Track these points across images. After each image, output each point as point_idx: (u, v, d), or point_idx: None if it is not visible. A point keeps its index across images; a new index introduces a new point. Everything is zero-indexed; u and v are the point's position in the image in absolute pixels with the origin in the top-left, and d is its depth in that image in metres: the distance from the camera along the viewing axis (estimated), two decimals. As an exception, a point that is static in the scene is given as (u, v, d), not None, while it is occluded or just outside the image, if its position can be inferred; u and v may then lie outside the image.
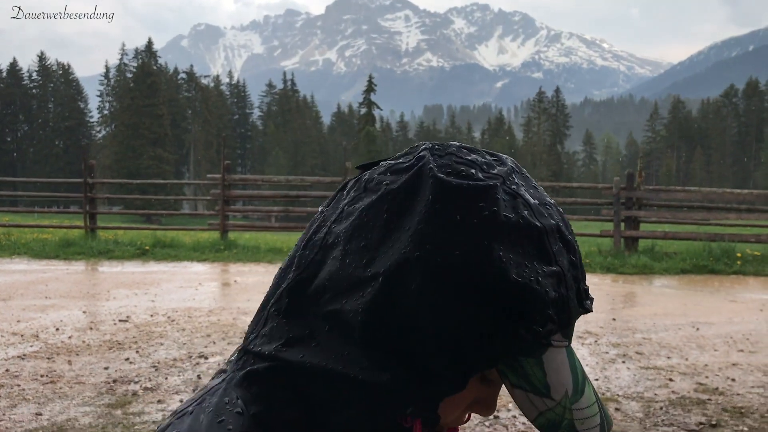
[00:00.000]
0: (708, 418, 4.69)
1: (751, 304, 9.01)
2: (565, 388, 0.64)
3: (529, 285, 0.61)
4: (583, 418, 0.65)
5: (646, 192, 13.79)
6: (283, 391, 0.66)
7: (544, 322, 0.62)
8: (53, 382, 5.29)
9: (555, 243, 0.65)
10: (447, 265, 0.60)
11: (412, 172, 0.66)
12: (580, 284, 0.67)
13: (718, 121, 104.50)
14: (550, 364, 0.64)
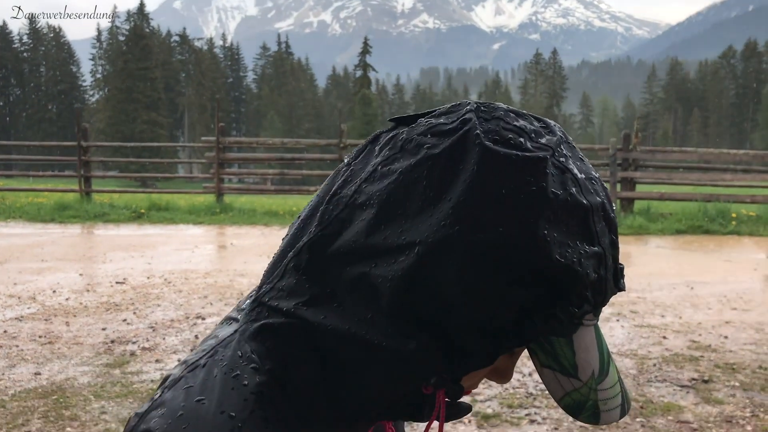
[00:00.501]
0: (700, 374, 4.75)
1: (745, 264, 9.07)
2: (592, 368, 0.63)
3: (572, 266, 0.58)
4: (606, 399, 0.64)
5: (642, 153, 13.77)
6: (300, 349, 0.64)
7: (581, 304, 0.60)
8: (51, 342, 5.32)
9: (599, 222, 0.62)
10: (489, 241, 0.57)
11: (456, 136, 0.61)
12: (617, 264, 0.65)
13: (716, 83, 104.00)
14: (579, 343, 0.63)
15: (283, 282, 0.66)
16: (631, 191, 13.68)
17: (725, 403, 4.23)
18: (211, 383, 0.64)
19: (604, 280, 0.62)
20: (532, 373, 4.75)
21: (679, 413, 4.07)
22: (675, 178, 14.39)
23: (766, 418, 4.00)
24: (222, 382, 0.64)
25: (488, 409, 4.12)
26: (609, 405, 0.64)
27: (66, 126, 77.87)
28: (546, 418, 3.98)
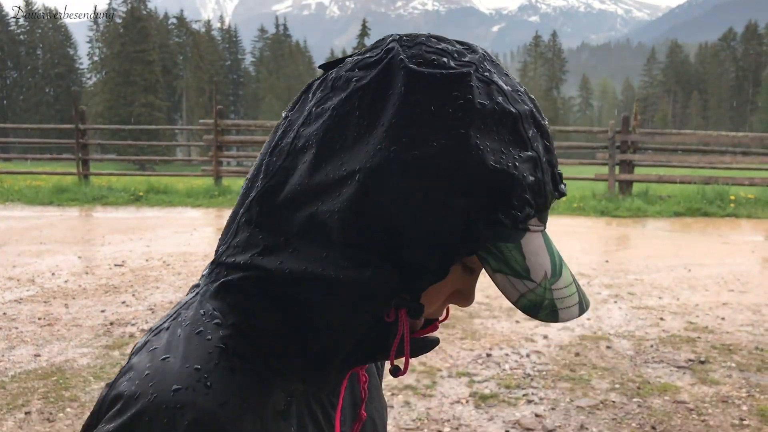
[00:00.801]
0: (697, 355, 4.77)
1: (743, 246, 9.09)
2: (544, 270, 0.65)
3: (507, 171, 0.61)
4: (563, 297, 0.66)
5: (641, 135, 13.75)
6: (260, 300, 0.66)
7: (522, 207, 0.63)
8: (51, 324, 5.34)
9: (530, 128, 0.65)
10: (424, 157, 0.60)
11: (381, 65, 0.64)
12: (554, 168, 0.67)
13: (716, 66, 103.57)
14: (528, 247, 0.65)
15: (237, 238, 0.69)
16: (629, 174, 13.67)
17: (721, 384, 4.25)
18: (175, 342, 0.66)
19: (543, 182, 0.65)
20: (530, 354, 4.78)
21: (676, 394, 4.09)
22: (674, 160, 14.37)
23: (762, 398, 4.03)
24: (186, 340, 0.66)
25: (486, 389, 4.14)
26: (566, 303, 0.66)
27: (64, 109, 77.57)
28: (543, 399, 4.00)
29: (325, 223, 0.63)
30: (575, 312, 0.66)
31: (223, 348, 0.66)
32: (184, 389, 0.62)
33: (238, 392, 0.64)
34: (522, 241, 0.64)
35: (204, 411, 0.61)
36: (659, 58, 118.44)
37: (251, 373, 0.66)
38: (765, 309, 5.99)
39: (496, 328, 5.39)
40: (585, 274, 7.28)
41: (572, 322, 5.55)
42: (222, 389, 0.63)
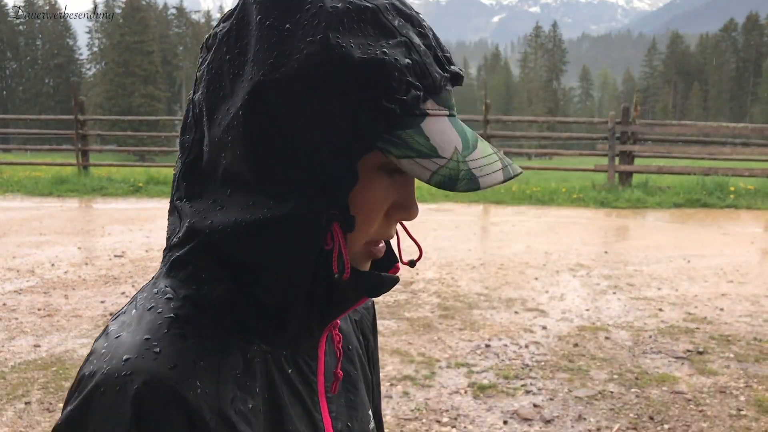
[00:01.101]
0: (695, 346, 4.78)
1: (742, 237, 9.09)
2: (454, 145, 0.66)
3: (376, 58, 0.63)
4: (481, 166, 0.66)
5: (641, 126, 13.72)
6: (208, 268, 0.70)
7: (405, 90, 0.64)
8: (50, 315, 5.35)
9: (394, 18, 0.66)
10: (291, 71, 0.63)
11: (237, 9, 0.68)
12: (436, 51, 0.68)
13: (717, 56, 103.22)
14: (431, 129, 0.66)
15: (174, 217, 0.74)
16: (629, 165, 13.66)
17: (719, 374, 4.27)
18: (128, 321, 0.70)
19: (422, 64, 0.65)
20: (528, 345, 4.79)
21: (674, 384, 4.11)
22: (674, 151, 14.34)
23: (760, 388, 4.04)
24: (138, 317, 0.70)
25: (484, 380, 4.15)
26: (486, 170, 0.66)
27: (63, 100, 77.38)
28: (541, 389, 4.02)
29: (237, 172, 0.66)
30: (499, 177, 0.66)
31: (174, 317, 0.69)
32: (134, 358, 0.64)
33: (189, 356, 0.66)
34: (422, 125, 0.66)
35: (153, 374, 0.63)
36: (660, 49, 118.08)
37: (205, 338, 0.69)
38: (763, 300, 6.00)
39: (494, 318, 5.40)
40: (584, 265, 7.29)
41: (571, 313, 5.56)
42: (171, 354, 0.66)
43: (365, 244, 0.72)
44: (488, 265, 7.29)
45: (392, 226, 0.73)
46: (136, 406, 0.62)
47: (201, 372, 0.66)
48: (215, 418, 0.66)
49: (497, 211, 11.82)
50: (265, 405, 0.72)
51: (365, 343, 0.93)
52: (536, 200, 12.74)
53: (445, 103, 0.68)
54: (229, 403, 0.68)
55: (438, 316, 5.44)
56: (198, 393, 0.65)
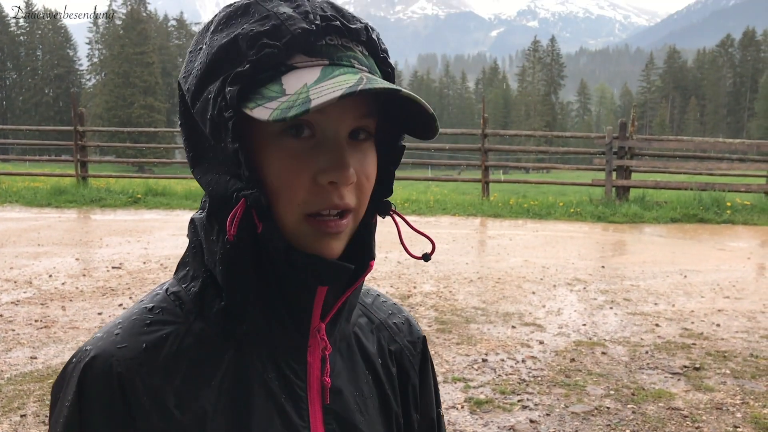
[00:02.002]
0: (692, 362, 4.79)
1: (739, 253, 9.11)
2: (304, 82, 0.68)
3: (231, 36, 0.71)
4: (324, 90, 0.66)
5: (638, 141, 13.78)
6: (195, 269, 0.78)
7: (258, 51, 0.69)
8: (47, 327, 5.34)
9: (270, 2, 0.72)
10: (192, 74, 0.74)
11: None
12: (309, 14, 0.71)
13: (714, 72, 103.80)
14: (291, 78, 0.69)
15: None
16: (626, 179, 13.71)
17: (716, 391, 4.27)
18: (123, 314, 0.79)
19: (280, 25, 0.70)
20: (525, 360, 4.79)
21: (670, 400, 4.11)
22: (671, 166, 14.40)
23: (756, 405, 4.05)
24: (129, 310, 0.79)
25: (481, 395, 4.15)
26: (326, 92, 0.65)
27: (62, 110, 77.54)
28: (538, 404, 4.02)
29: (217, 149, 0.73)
30: (336, 93, 0.65)
31: (149, 308, 0.78)
32: (99, 336, 0.76)
33: (142, 339, 0.74)
34: (283, 77, 0.69)
35: (102, 350, 0.73)
36: (657, 64, 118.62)
37: (169, 328, 0.76)
38: (760, 316, 6.01)
39: (492, 333, 5.40)
40: (581, 279, 7.31)
41: (568, 328, 5.56)
42: (126, 336, 0.75)
43: (306, 217, 0.71)
44: (485, 278, 7.29)
45: (326, 192, 0.71)
46: (82, 376, 0.73)
47: (147, 355, 0.74)
48: (150, 400, 0.72)
49: (494, 224, 11.84)
50: (227, 401, 0.74)
51: (403, 378, 0.91)
52: (534, 214, 12.76)
53: (322, 54, 0.70)
54: (170, 389, 0.73)
55: (435, 330, 5.45)
56: (137, 372, 0.72)
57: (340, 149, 0.71)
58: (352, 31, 0.73)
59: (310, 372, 0.78)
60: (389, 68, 0.78)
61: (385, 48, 0.78)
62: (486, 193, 14.63)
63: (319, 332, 0.78)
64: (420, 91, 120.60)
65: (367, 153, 0.75)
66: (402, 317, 0.95)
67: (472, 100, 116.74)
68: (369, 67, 0.73)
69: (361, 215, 0.76)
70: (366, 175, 0.74)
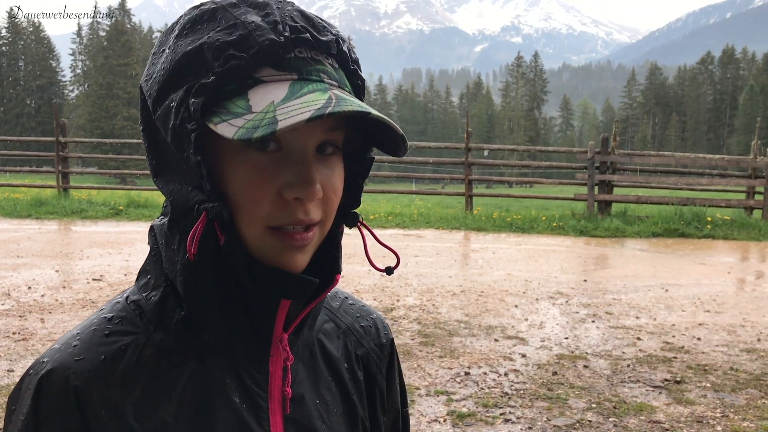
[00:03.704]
0: (673, 375, 4.81)
1: (719, 267, 9.19)
2: (271, 100, 0.66)
3: (197, 44, 0.69)
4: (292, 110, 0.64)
5: (620, 156, 13.91)
6: (156, 278, 0.77)
7: (223, 62, 0.67)
8: (25, 339, 5.27)
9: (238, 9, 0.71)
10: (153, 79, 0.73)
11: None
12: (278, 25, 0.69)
13: (694, 88, 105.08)
14: (257, 93, 0.67)
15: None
16: (608, 194, 13.81)
17: (696, 404, 4.29)
18: (81, 324, 0.78)
19: (248, 36, 0.68)
20: (508, 373, 4.79)
21: (652, 413, 4.13)
22: (652, 181, 14.54)
23: (736, 418, 4.07)
24: (88, 319, 0.78)
25: (463, 408, 4.14)
26: (294, 113, 0.64)
27: (44, 121, 76.87)
28: (520, 418, 4.02)
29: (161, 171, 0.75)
30: (304, 116, 0.63)
31: (109, 318, 0.76)
32: (57, 348, 0.74)
33: (100, 351, 0.73)
34: (250, 91, 0.67)
35: (59, 363, 0.72)
36: (639, 80, 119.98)
37: (128, 338, 0.74)
38: (740, 330, 6.06)
39: (474, 346, 5.40)
40: (563, 293, 7.33)
41: (550, 341, 5.58)
42: (84, 348, 0.73)
43: (270, 230, 0.70)
44: (468, 292, 7.30)
45: (291, 207, 0.70)
46: (38, 389, 0.72)
47: (105, 367, 0.72)
48: (108, 413, 0.71)
49: (478, 238, 11.87)
50: (187, 413, 0.74)
51: (370, 381, 0.91)
52: (516, 228, 12.81)
53: (291, 67, 0.69)
54: (129, 401, 0.72)
55: (418, 343, 5.44)
56: (94, 385, 0.71)
57: (307, 164, 0.70)
58: (323, 44, 0.71)
59: (271, 382, 0.78)
60: (359, 81, 0.76)
61: (355, 58, 0.76)
62: (469, 206, 14.68)
63: (282, 342, 0.77)
64: (404, 105, 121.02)
65: (335, 167, 0.73)
66: (370, 320, 0.94)
67: (456, 115, 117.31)
68: (338, 80, 0.72)
69: (328, 228, 0.76)
70: (333, 189, 0.73)
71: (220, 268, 0.71)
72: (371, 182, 44.83)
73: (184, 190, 0.71)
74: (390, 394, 0.94)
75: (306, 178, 0.69)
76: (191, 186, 0.70)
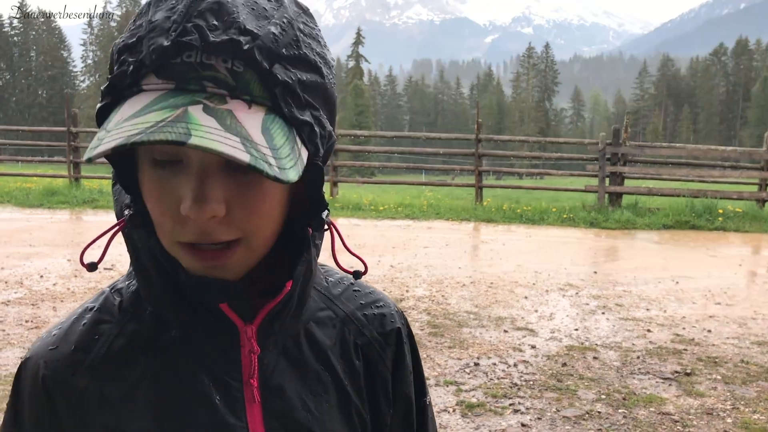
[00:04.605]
0: (683, 367, 4.80)
1: (730, 259, 9.15)
2: (123, 115, 0.62)
3: (114, 46, 0.68)
4: (115, 134, 0.60)
5: (631, 148, 13.83)
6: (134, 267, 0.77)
7: (118, 68, 0.65)
8: (38, 327, 5.32)
9: (159, 3, 0.67)
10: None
11: None
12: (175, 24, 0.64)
13: (707, 80, 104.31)
14: (129, 104, 0.63)
15: None
16: (619, 186, 13.75)
17: (707, 396, 4.28)
18: (68, 314, 0.80)
19: (140, 38, 0.64)
20: (517, 364, 4.80)
21: (661, 405, 4.12)
22: (663, 173, 14.45)
23: (747, 411, 4.06)
24: (73, 311, 0.80)
25: (473, 398, 4.15)
26: (112, 137, 0.59)
27: (56, 111, 77.21)
28: (530, 408, 4.02)
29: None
30: (110, 145, 0.58)
31: (89, 308, 0.78)
32: (39, 338, 0.77)
33: (72, 339, 0.75)
34: (128, 101, 0.64)
35: (34, 352, 0.75)
36: (651, 72, 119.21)
37: (103, 324, 0.76)
38: (751, 322, 6.03)
39: (484, 337, 5.41)
40: (573, 284, 7.32)
41: (560, 332, 5.57)
42: (60, 337, 0.75)
43: (181, 245, 0.68)
44: (478, 283, 7.30)
45: (191, 224, 0.66)
46: (17, 377, 0.76)
47: (75, 356, 0.74)
48: (75, 401, 0.73)
49: (487, 229, 11.86)
50: (157, 405, 0.74)
51: (370, 371, 0.88)
52: (526, 219, 12.78)
53: (173, 74, 0.63)
54: (95, 391, 0.73)
55: (427, 333, 5.45)
56: (62, 374, 0.73)
57: (201, 180, 0.64)
58: (212, 46, 0.63)
59: (245, 373, 0.76)
60: (277, 86, 0.65)
61: (285, 55, 0.66)
62: (479, 198, 14.65)
63: (246, 334, 0.75)
64: (414, 96, 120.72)
65: (254, 183, 0.67)
66: (375, 308, 0.91)
67: (466, 106, 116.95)
68: (232, 88, 0.63)
69: (261, 242, 0.71)
70: (246, 208, 0.67)
71: (163, 270, 0.72)
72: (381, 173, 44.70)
73: (122, 191, 0.74)
74: (399, 383, 0.90)
75: (197, 196, 0.64)
76: (120, 190, 0.74)
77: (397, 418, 0.90)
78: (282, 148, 0.63)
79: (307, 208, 0.76)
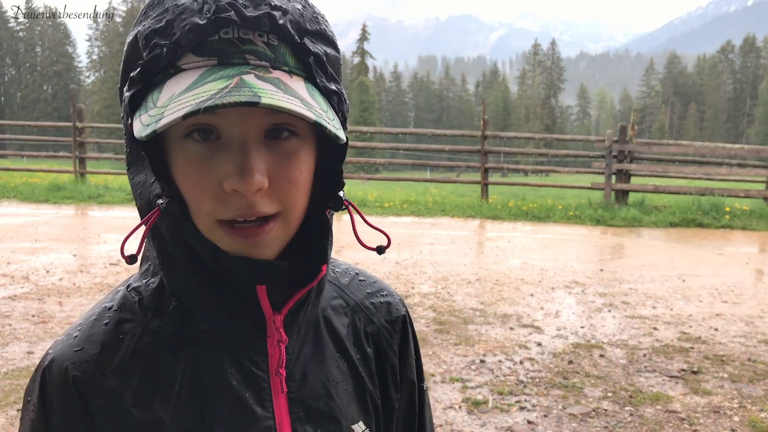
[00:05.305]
0: (690, 365, 4.78)
1: (737, 258, 9.11)
2: (172, 92, 0.64)
3: (135, 32, 0.69)
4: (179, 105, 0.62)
5: (638, 145, 13.78)
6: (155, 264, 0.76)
7: (149, 52, 0.66)
8: (44, 322, 5.33)
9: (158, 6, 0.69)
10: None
11: None
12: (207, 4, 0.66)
13: (714, 77, 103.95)
14: (173, 84, 0.65)
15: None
16: (626, 183, 13.71)
17: (713, 394, 4.26)
18: (85, 313, 0.79)
19: (171, 21, 0.66)
20: (523, 361, 4.78)
21: (668, 403, 4.11)
22: (670, 171, 14.40)
23: (754, 409, 4.04)
24: (90, 308, 0.79)
25: (478, 395, 4.14)
26: (177, 108, 0.61)
27: (61, 107, 77.48)
28: (536, 406, 4.01)
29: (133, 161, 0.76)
30: (180, 113, 0.60)
31: (108, 307, 0.77)
32: (59, 341, 0.76)
33: (98, 341, 0.74)
34: (168, 81, 0.65)
35: (59, 354, 0.74)
36: (657, 69, 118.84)
37: (126, 326, 0.75)
38: (758, 321, 6.01)
39: (490, 334, 5.39)
40: (579, 282, 7.30)
41: (566, 330, 5.56)
42: (84, 338, 0.75)
43: (220, 224, 0.68)
44: (484, 280, 7.29)
45: (234, 200, 0.67)
46: (42, 381, 0.74)
47: (103, 356, 0.73)
48: (108, 401, 0.72)
49: (493, 226, 11.84)
50: (187, 399, 0.74)
51: (381, 358, 0.90)
52: (532, 217, 12.76)
53: (212, 51, 0.65)
54: (128, 389, 0.73)
55: (433, 330, 5.44)
56: (92, 375, 0.72)
57: (244, 153, 0.66)
58: (250, 21, 0.65)
59: (271, 363, 0.77)
60: (310, 56, 0.69)
61: (310, 29, 0.70)
62: (485, 195, 14.63)
63: (275, 323, 0.76)
64: (420, 92, 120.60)
65: (293, 153, 0.69)
66: (381, 297, 0.93)
67: (472, 103, 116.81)
68: (273, 59, 0.66)
69: (295, 218, 0.72)
70: (288, 178, 0.69)
71: (194, 259, 0.71)
72: (386, 170, 44.72)
73: (148, 181, 0.71)
74: (404, 369, 0.93)
75: (243, 169, 0.65)
76: (153, 178, 0.70)
77: (402, 403, 0.93)
78: (328, 112, 0.67)
79: (324, 190, 0.76)
